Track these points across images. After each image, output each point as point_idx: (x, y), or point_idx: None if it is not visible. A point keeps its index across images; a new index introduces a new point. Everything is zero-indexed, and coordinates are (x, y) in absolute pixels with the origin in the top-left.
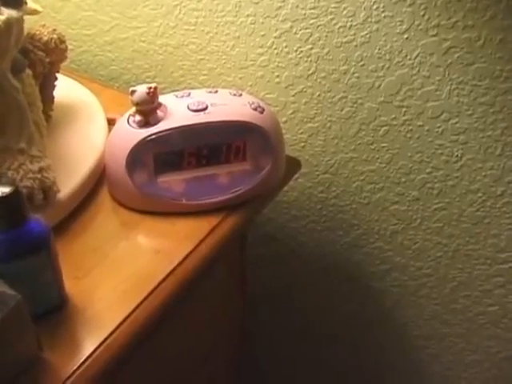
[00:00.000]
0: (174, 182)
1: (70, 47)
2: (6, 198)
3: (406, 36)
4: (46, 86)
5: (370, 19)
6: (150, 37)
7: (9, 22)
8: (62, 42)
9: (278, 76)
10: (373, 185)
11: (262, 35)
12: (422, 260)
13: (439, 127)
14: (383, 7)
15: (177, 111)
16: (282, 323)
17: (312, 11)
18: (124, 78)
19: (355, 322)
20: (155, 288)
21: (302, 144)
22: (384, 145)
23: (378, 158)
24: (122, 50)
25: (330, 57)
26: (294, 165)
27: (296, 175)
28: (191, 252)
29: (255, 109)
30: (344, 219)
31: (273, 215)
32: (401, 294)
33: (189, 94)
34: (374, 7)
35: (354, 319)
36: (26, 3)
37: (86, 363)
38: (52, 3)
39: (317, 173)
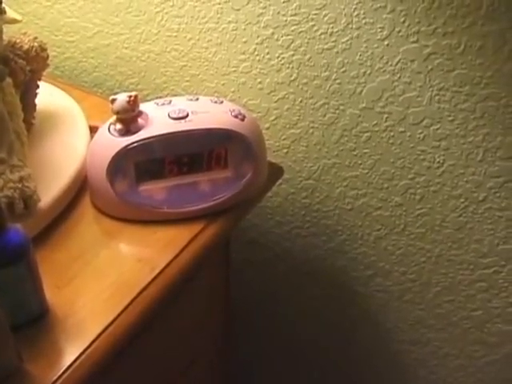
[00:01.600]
0: (155, 190)
1: (53, 54)
2: None
3: (386, 42)
4: (28, 94)
5: (350, 26)
6: (133, 43)
7: None
8: (44, 49)
9: (260, 82)
10: (356, 190)
11: (244, 42)
12: (405, 265)
13: (421, 133)
14: (364, 14)
15: (157, 119)
16: (267, 328)
17: (293, 18)
18: (107, 85)
19: (340, 326)
20: (137, 296)
21: (285, 150)
22: (366, 151)
23: (360, 164)
24: (105, 56)
25: (312, 63)
26: (276, 171)
27: (279, 181)
28: (173, 260)
29: (236, 116)
30: (328, 225)
31: (257, 221)
32: (385, 299)
33: (170, 102)
34: (355, 14)
35: (338, 324)
36: (5, 12)
37: (67, 372)
38: (35, 10)
39: (300, 179)
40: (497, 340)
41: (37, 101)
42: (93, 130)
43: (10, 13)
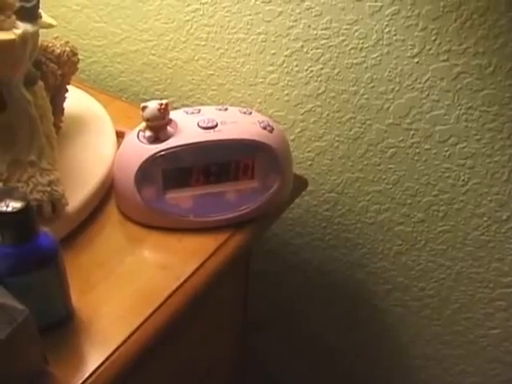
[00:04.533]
0: (182, 199)
1: (79, 57)
2: (17, 213)
3: (416, 60)
4: (57, 98)
5: (381, 42)
6: (161, 50)
7: (24, 37)
8: (75, 54)
9: (287, 94)
10: (378, 205)
11: (273, 53)
12: (424, 281)
13: (447, 151)
14: (395, 31)
15: (187, 128)
16: (283, 338)
17: (324, 32)
18: (133, 90)
19: (357, 339)
20: (161, 304)
21: (309, 162)
22: (391, 166)
23: (384, 179)
24: (132, 62)
25: (340, 77)
26: (300, 183)
27: (302, 193)
28: (198, 269)
29: (265, 128)
30: (348, 238)
31: (277, 231)
32: (402, 313)
33: (199, 111)
34: (386, 30)
35: (355, 337)
36: (41, 17)
37: (91, 379)
38: (64, 13)
39: (323, 191)
40: None
41: (65, 104)
42: (119, 135)
43: (46, 17)
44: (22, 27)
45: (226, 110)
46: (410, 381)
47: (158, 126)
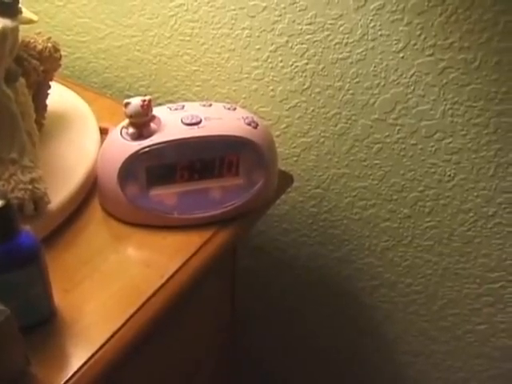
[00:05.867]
0: (166, 196)
1: (63, 53)
2: None
3: (401, 55)
4: (39, 95)
5: (366, 37)
6: (145, 46)
7: (4, 32)
8: (57, 50)
9: (272, 90)
10: (364, 201)
11: (258, 49)
12: (411, 277)
13: (432, 146)
14: (380, 25)
15: (170, 124)
16: (271, 336)
17: (308, 27)
18: (117, 86)
19: (344, 336)
20: (145, 302)
21: (295, 158)
22: (377, 162)
23: (370, 175)
24: (116, 58)
25: (326, 73)
26: (286, 179)
27: (288, 189)
28: (182, 266)
29: (249, 124)
30: (335, 234)
31: (263, 228)
32: (390, 310)
33: (183, 107)
34: (371, 25)
35: (342, 333)
36: (21, 13)
37: (74, 378)
38: (46, 9)
39: (309, 187)
40: (501, 354)
41: (47, 101)
42: (103, 131)
43: (26, 13)
44: (1, 22)
45: (210, 105)
46: (397, 377)
47: (141, 123)
